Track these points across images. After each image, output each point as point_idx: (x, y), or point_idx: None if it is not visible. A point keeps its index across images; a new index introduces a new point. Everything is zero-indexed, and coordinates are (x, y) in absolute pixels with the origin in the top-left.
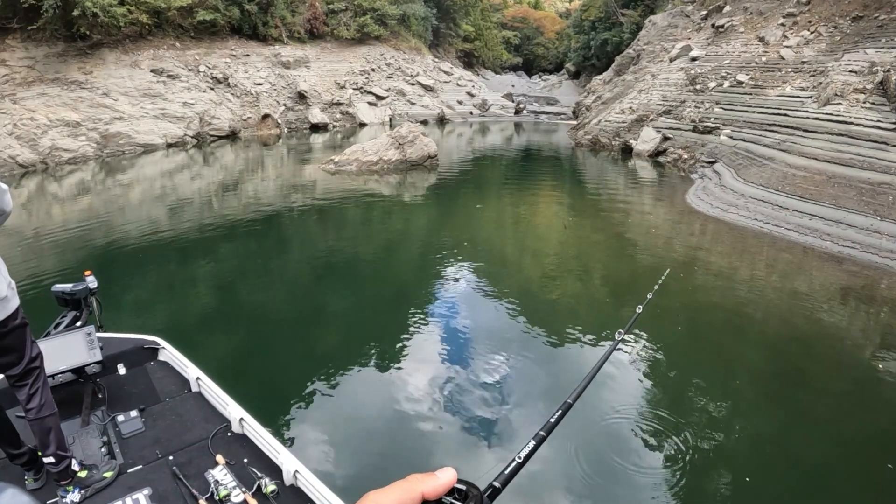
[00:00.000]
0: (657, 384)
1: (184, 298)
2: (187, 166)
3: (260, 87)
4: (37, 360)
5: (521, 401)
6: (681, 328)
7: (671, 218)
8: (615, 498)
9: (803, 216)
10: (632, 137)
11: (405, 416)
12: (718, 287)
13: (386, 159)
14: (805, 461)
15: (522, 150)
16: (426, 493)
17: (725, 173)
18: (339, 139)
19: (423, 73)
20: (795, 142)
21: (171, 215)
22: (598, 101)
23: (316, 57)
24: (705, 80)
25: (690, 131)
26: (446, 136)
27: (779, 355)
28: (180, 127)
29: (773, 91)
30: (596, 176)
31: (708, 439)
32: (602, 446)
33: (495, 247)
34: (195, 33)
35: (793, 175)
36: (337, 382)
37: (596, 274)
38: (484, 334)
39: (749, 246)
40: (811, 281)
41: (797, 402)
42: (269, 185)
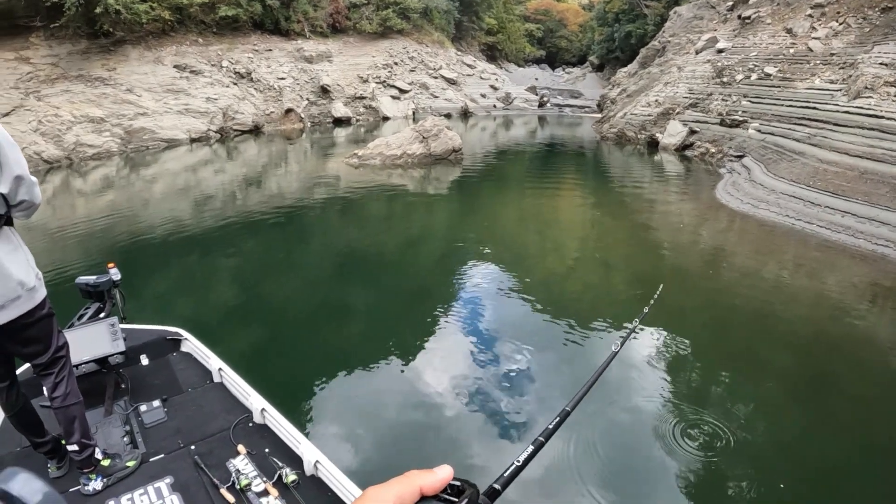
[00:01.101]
0: (681, 384)
1: (207, 291)
2: (211, 161)
3: (283, 82)
4: (63, 349)
5: (541, 396)
6: (707, 327)
7: (700, 213)
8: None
9: (835, 213)
10: (658, 131)
11: (426, 408)
12: (747, 285)
13: (410, 153)
14: (838, 468)
15: (547, 144)
16: (424, 487)
17: (755, 168)
18: (363, 133)
19: (446, 66)
20: (826, 136)
21: (195, 209)
22: (624, 93)
23: (338, 51)
24: (732, 73)
25: (718, 125)
26: (470, 130)
27: (808, 357)
28: (203, 122)
29: (802, 84)
30: (622, 170)
31: (737, 443)
32: (624, 447)
33: (520, 242)
34: (217, 29)
35: (824, 170)
36: (358, 375)
37: (622, 270)
38: (505, 330)
39: (779, 243)
40: (843, 280)
41: (827, 406)
42: (292, 179)
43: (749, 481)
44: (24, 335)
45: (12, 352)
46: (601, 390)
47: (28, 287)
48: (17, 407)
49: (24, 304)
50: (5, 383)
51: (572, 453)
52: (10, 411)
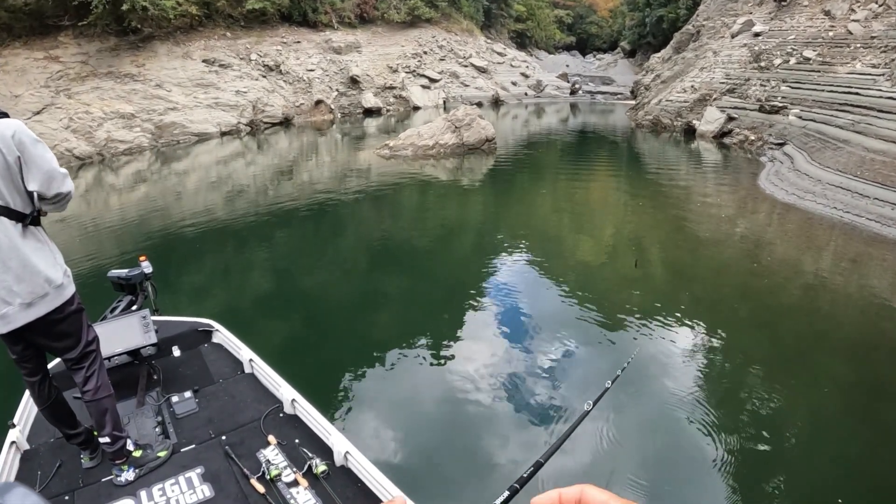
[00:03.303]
0: (726, 388)
1: (238, 282)
2: (241, 154)
3: (312, 74)
4: (93, 343)
5: (571, 391)
6: (754, 326)
7: (743, 204)
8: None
9: (885, 205)
10: (694, 118)
11: (457, 401)
12: (795, 283)
13: (442, 143)
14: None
15: (580, 132)
16: None
17: (797, 156)
18: (393, 123)
19: (475, 54)
20: (871, 123)
21: (226, 202)
22: (658, 79)
23: (367, 41)
24: (770, 57)
25: (756, 111)
26: (501, 119)
27: (862, 363)
28: (233, 115)
29: (843, 68)
30: (659, 158)
31: (793, 455)
32: (666, 456)
33: (555, 234)
34: (245, 22)
35: (871, 160)
36: (389, 366)
37: (663, 265)
38: (540, 322)
39: (827, 237)
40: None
41: (886, 417)
42: (323, 170)
43: (807, 495)
44: (54, 331)
45: (43, 347)
46: (641, 388)
47: (56, 284)
48: (49, 400)
49: (52, 301)
50: (37, 377)
51: (612, 442)
52: (43, 404)
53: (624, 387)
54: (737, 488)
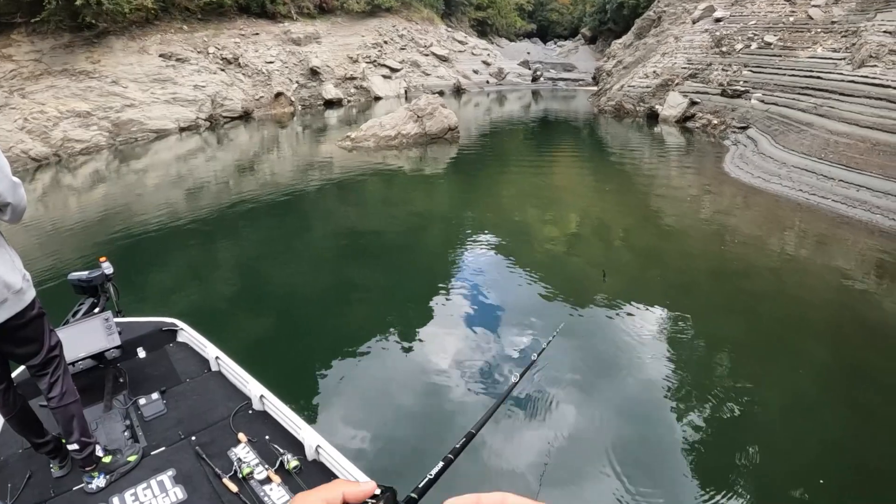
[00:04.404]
0: (701, 372)
1: (203, 280)
2: (201, 149)
3: (271, 66)
4: (56, 348)
5: (545, 374)
6: (726, 309)
7: (710, 188)
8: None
9: (850, 187)
10: (657, 102)
11: (426, 391)
12: (767, 267)
13: (405, 133)
14: (881, 459)
15: (543, 119)
16: (347, 495)
17: (761, 140)
18: (355, 114)
19: (436, 43)
20: (833, 106)
21: (188, 199)
22: (620, 65)
23: (327, 32)
24: (731, 42)
25: (719, 95)
26: (464, 107)
27: (834, 341)
28: (192, 110)
29: (804, 52)
30: (623, 143)
31: (770, 435)
32: (649, 439)
33: (521, 221)
34: (202, 15)
35: (835, 142)
36: (357, 358)
37: (631, 249)
38: (508, 311)
39: (795, 219)
40: (865, 259)
41: (866, 397)
42: (285, 164)
43: (788, 477)
44: (15, 337)
45: (6, 354)
46: (626, 372)
47: (15, 289)
48: (15, 409)
49: (12, 307)
50: (2, 386)
51: (594, 436)
52: (9, 413)
53: (599, 373)
54: (717, 470)
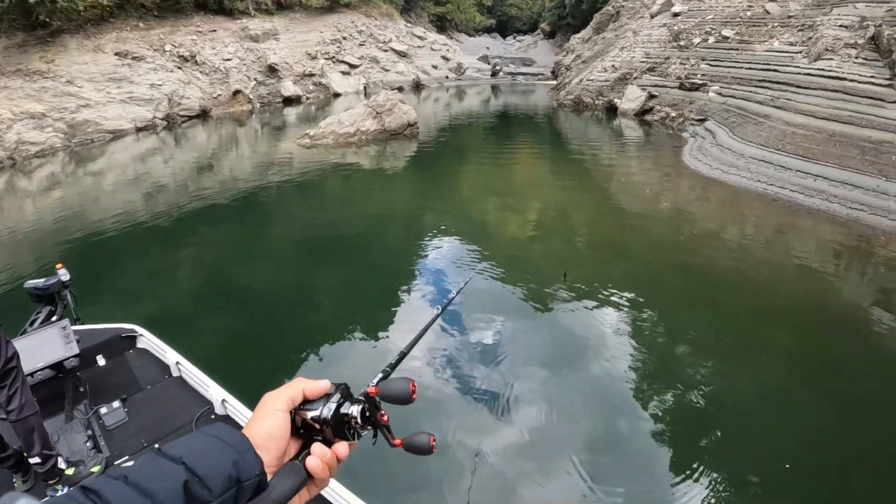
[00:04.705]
0: (667, 362)
1: (163, 283)
2: (159, 150)
3: (229, 63)
4: (13, 360)
5: (508, 367)
6: (690, 302)
7: (669, 179)
8: (641, 490)
9: (807, 177)
10: (616, 96)
11: None
12: (729, 257)
13: (364, 130)
14: (843, 443)
15: (502, 113)
16: (307, 391)
17: (719, 132)
18: (314, 111)
19: (395, 38)
20: (790, 98)
21: (146, 201)
22: (578, 60)
23: (285, 28)
24: (689, 36)
25: (677, 88)
26: (423, 102)
27: (798, 330)
28: (149, 110)
29: (761, 46)
30: (583, 136)
31: (736, 423)
32: (613, 427)
33: (482, 215)
34: (158, 12)
35: (792, 133)
36: (322, 357)
37: (592, 239)
38: (469, 301)
39: (755, 210)
40: (823, 246)
41: (828, 382)
42: (244, 163)
43: (754, 462)
44: None
45: None
46: (591, 364)
47: None
48: None
49: None
50: None
51: (557, 424)
52: None
53: (564, 364)
54: (684, 457)
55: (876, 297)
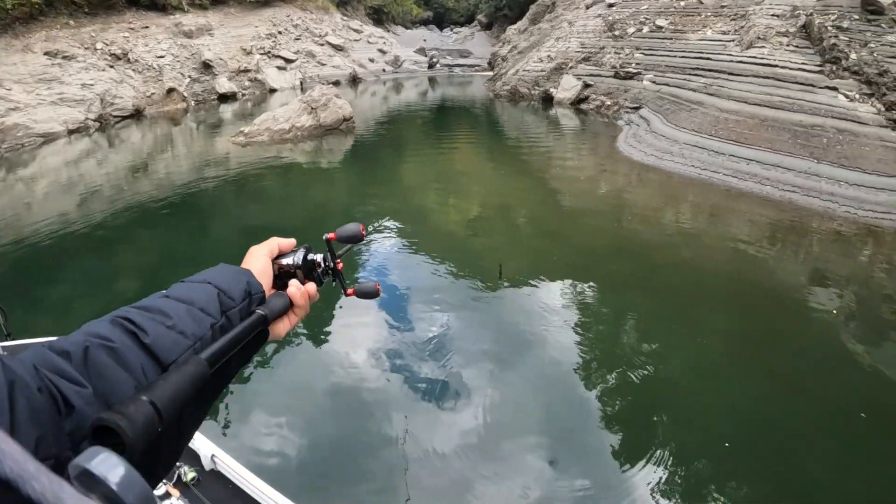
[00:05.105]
0: (607, 346)
1: (100, 291)
2: (92, 152)
3: (162, 60)
4: None
5: (455, 361)
6: (627, 287)
7: (604, 166)
8: (581, 474)
9: (740, 161)
10: (552, 86)
11: (331, 389)
12: (664, 241)
13: (299, 126)
14: (779, 418)
15: (440, 105)
16: (280, 244)
17: (653, 119)
18: (250, 107)
19: (332, 32)
20: (722, 85)
21: (81, 206)
22: (515, 50)
23: (219, 23)
24: (624, 26)
25: (612, 77)
26: (360, 96)
27: (734, 310)
28: (81, 111)
29: (694, 35)
30: (519, 126)
31: (678, 404)
32: (559, 412)
33: (420, 207)
34: (89, 9)
35: (725, 119)
36: (259, 362)
37: (530, 228)
38: (412, 296)
39: (690, 194)
40: (757, 228)
41: (763, 359)
42: (180, 163)
43: (696, 442)
44: None
45: None
46: (535, 351)
47: None
48: None
49: None
50: None
51: (506, 413)
52: None
53: (509, 353)
54: (630, 439)
55: (808, 274)
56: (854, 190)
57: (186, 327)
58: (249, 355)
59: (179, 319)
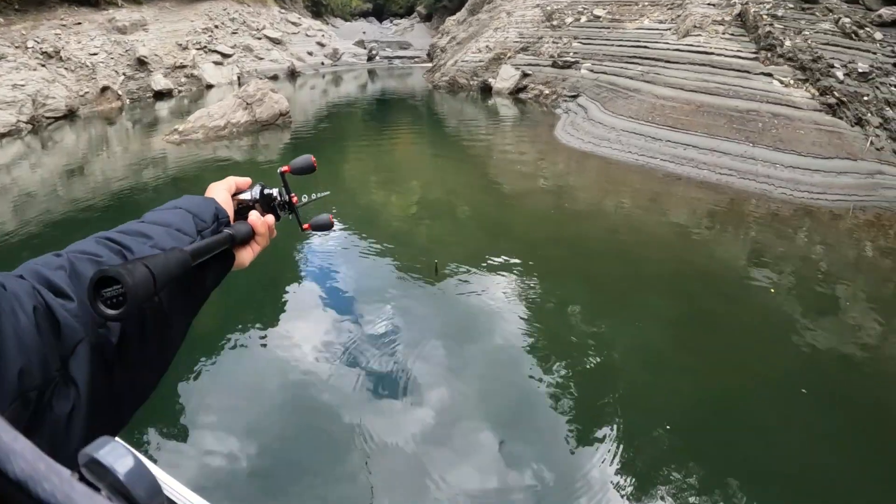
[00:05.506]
0: (548, 334)
1: None
2: (25, 156)
3: (96, 58)
4: None
5: (402, 354)
6: (568, 274)
7: (543, 155)
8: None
9: (677, 146)
10: (490, 76)
11: (278, 390)
12: (603, 227)
13: (234, 122)
14: (722, 398)
15: (379, 97)
16: (237, 182)
17: (591, 107)
18: (187, 104)
19: (269, 25)
20: (659, 73)
21: (14, 213)
22: (453, 41)
23: (154, 18)
24: (562, 16)
25: (550, 67)
26: (299, 90)
27: (675, 294)
28: (11, 113)
29: (632, 24)
30: (458, 117)
31: (623, 388)
32: (504, 400)
33: (360, 200)
34: (20, 5)
35: (661, 105)
36: (200, 367)
37: (470, 217)
38: (356, 290)
39: (628, 180)
40: (695, 211)
41: (705, 340)
42: (115, 165)
43: (633, 427)
44: None
45: None
46: (480, 341)
47: None
48: None
49: None
50: None
51: (460, 404)
52: None
53: (455, 343)
54: (566, 424)
55: (747, 255)
56: (790, 172)
57: (167, 245)
58: (220, 276)
59: (160, 239)
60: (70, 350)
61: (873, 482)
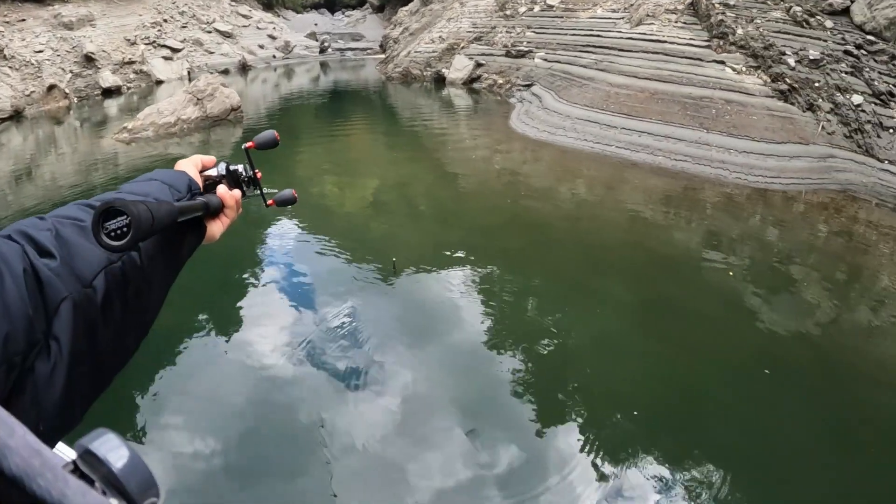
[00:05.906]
0: (521, 325)
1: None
2: None
3: (41, 55)
4: None
5: (368, 349)
6: (527, 263)
7: (497, 144)
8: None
9: (632, 133)
10: (444, 66)
11: (241, 388)
12: (561, 215)
13: (185, 118)
14: (685, 382)
15: (332, 90)
16: (203, 159)
17: (545, 95)
18: (136, 101)
19: (219, 18)
20: (613, 61)
21: None
22: (406, 32)
23: (101, 13)
24: (515, 6)
25: (504, 56)
26: (250, 84)
27: (635, 280)
28: None
29: (585, 14)
30: (412, 108)
31: (585, 375)
32: (469, 391)
33: (315, 194)
34: None
35: (616, 93)
36: (156, 371)
37: (426, 208)
38: (316, 286)
39: (584, 168)
40: (650, 197)
41: (666, 325)
42: (65, 166)
43: (598, 411)
44: None
45: None
46: (442, 332)
47: None
48: None
49: None
50: None
51: (425, 396)
52: None
53: (417, 336)
54: (537, 410)
55: (704, 239)
56: (743, 157)
57: None
58: (193, 247)
59: None
60: (54, 309)
61: (834, 453)
